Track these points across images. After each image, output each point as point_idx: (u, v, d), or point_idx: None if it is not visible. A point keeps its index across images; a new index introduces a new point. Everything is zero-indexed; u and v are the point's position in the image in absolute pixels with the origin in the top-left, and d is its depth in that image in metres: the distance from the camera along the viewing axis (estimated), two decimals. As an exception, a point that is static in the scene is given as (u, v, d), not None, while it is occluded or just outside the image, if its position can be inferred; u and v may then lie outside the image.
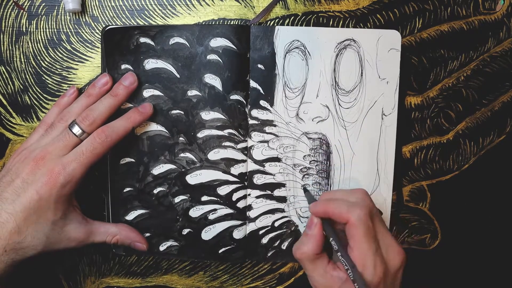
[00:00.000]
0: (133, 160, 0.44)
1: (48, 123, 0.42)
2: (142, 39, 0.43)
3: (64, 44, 0.45)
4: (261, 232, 0.46)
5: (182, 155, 0.44)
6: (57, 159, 0.39)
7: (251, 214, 0.46)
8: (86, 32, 0.45)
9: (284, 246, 0.46)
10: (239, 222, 0.45)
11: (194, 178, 0.45)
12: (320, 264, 0.39)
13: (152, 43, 0.43)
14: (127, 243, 0.44)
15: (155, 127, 0.44)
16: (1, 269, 0.38)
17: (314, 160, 0.45)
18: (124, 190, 0.45)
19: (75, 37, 0.45)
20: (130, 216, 0.45)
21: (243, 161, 0.45)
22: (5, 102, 0.46)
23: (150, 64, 0.43)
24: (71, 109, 0.42)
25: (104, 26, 0.44)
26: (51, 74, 0.45)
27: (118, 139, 0.41)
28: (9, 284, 0.45)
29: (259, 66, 0.44)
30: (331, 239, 0.39)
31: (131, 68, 0.43)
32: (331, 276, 0.38)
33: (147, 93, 0.44)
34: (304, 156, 0.45)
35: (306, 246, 0.39)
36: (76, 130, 0.40)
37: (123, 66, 0.43)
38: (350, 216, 0.37)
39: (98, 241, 0.42)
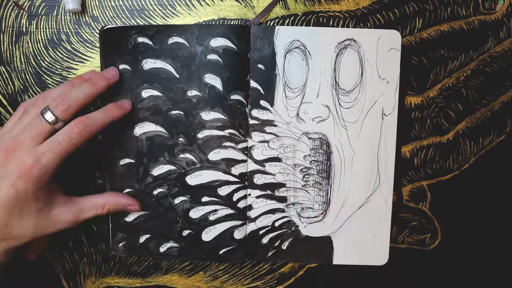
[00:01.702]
0: (132, 161, 0.44)
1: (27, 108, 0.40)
2: (140, 39, 0.43)
3: (64, 44, 0.45)
4: (261, 232, 0.46)
5: (182, 155, 0.44)
6: (29, 150, 0.37)
7: (252, 214, 0.46)
8: (86, 32, 0.45)
9: (284, 246, 0.46)
10: (239, 222, 0.45)
11: (194, 178, 0.45)
12: None
13: (150, 42, 0.43)
14: (119, 209, 0.43)
15: (154, 128, 0.44)
16: None
17: (314, 160, 0.45)
18: (124, 191, 0.45)
19: (75, 37, 0.45)
20: (130, 217, 0.45)
21: (244, 161, 0.45)
22: (5, 102, 0.46)
23: (149, 64, 0.43)
24: (47, 95, 0.40)
25: (102, 26, 0.44)
26: (51, 74, 0.45)
27: (96, 130, 0.39)
28: (9, 283, 0.45)
29: (259, 66, 0.44)
30: None
31: (129, 68, 0.43)
32: None
33: (145, 93, 0.43)
34: (305, 156, 0.45)
35: None
36: (49, 116, 0.38)
37: (121, 66, 0.43)
38: None
39: (90, 217, 0.41)
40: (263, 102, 0.44)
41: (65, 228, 0.40)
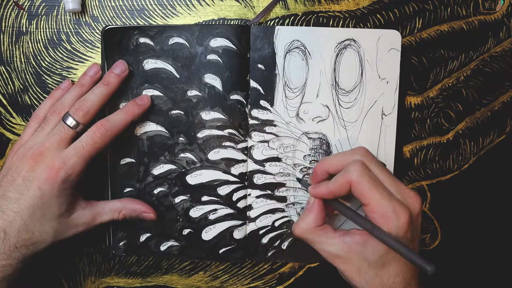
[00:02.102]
0: (133, 160, 0.44)
1: (41, 117, 0.42)
2: (142, 39, 0.43)
3: (64, 44, 0.45)
4: (261, 232, 0.46)
5: (182, 155, 0.44)
6: (56, 154, 0.39)
7: (251, 214, 0.46)
8: (86, 32, 0.45)
9: (284, 246, 0.46)
10: (239, 222, 0.45)
11: (194, 178, 0.45)
12: (326, 234, 0.38)
13: (151, 43, 0.43)
14: (135, 215, 0.44)
15: (155, 127, 0.44)
16: (13, 266, 0.38)
17: (314, 160, 0.45)
18: (125, 191, 0.45)
19: (75, 37, 0.45)
20: (130, 216, 0.45)
21: (243, 161, 0.45)
22: (5, 102, 0.46)
23: (150, 64, 0.43)
24: (64, 101, 0.41)
25: (104, 26, 0.44)
26: (51, 74, 0.45)
27: (118, 132, 0.41)
28: (12, 283, 0.45)
29: (259, 66, 0.44)
30: (342, 205, 0.38)
31: (130, 68, 0.43)
32: (343, 242, 0.37)
33: (146, 93, 0.44)
34: (304, 156, 0.45)
35: (304, 221, 0.39)
36: (70, 121, 0.39)
37: None
38: (349, 178, 0.36)
39: (106, 220, 0.43)
40: (263, 102, 0.44)
41: (81, 232, 0.41)
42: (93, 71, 0.43)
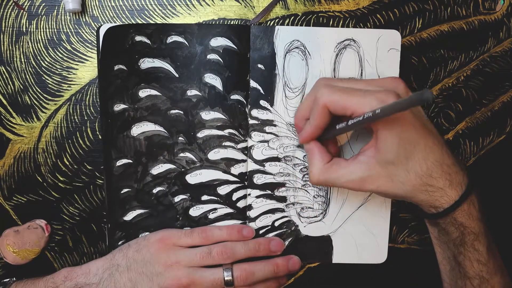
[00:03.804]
0: (130, 161, 0.44)
1: (207, 235, 0.43)
2: (138, 38, 0.43)
3: (64, 44, 0.45)
4: (261, 231, 0.46)
5: (181, 155, 0.44)
6: None
7: (251, 213, 0.45)
8: (86, 32, 0.45)
9: (284, 245, 0.46)
10: (239, 222, 0.45)
11: (194, 177, 0.45)
12: (340, 166, 0.37)
13: (148, 41, 0.43)
14: None
15: (153, 127, 0.44)
16: None
17: (314, 160, 0.45)
18: (122, 192, 0.45)
19: (75, 37, 0.45)
20: (129, 217, 0.45)
21: (243, 161, 0.45)
22: (5, 102, 0.46)
23: (146, 63, 0.43)
24: (236, 250, 0.42)
25: (99, 24, 0.44)
26: (51, 74, 0.45)
27: None
28: (11, 283, 0.45)
29: (259, 66, 0.44)
30: (336, 127, 0.37)
31: (125, 68, 0.43)
32: (360, 163, 0.36)
33: (143, 93, 0.43)
34: (304, 155, 0.45)
35: (312, 166, 0.38)
36: (228, 277, 0.41)
37: (116, 67, 0.43)
38: (322, 102, 0.36)
39: None
40: (263, 102, 0.44)
41: None
42: (275, 248, 0.44)
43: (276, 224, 0.46)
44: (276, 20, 0.45)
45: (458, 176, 0.36)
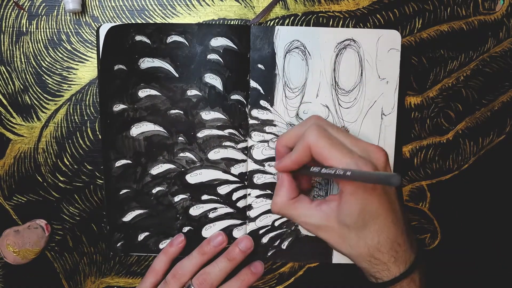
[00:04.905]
0: (129, 161, 0.44)
1: (158, 272, 0.43)
2: (138, 37, 0.43)
3: (64, 44, 0.45)
4: (261, 231, 0.46)
5: (181, 154, 0.44)
6: None
7: (251, 213, 0.46)
8: (86, 32, 0.45)
9: (284, 245, 0.46)
10: (239, 222, 0.45)
11: (194, 177, 0.45)
12: (303, 206, 0.38)
13: (148, 41, 0.43)
14: None
15: (152, 128, 0.44)
16: None
17: (314, 160, 0.45)
18: (121, 192, 0.45)
19: (75, 37, 0.45)
20: (128, 217, 0.45)
21: (243, 160, 0.45)
22: (5, 102, 0.46)
23: (146, 63, 0.43)
24: (185, 267, 0.42)
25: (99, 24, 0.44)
26: (51, 74, 0.45)
27: None
28: (10, 284, 0.45)
29: (259, 66, 0.44)
30: (310, 169, 0.37)
31: (125, 68, 0.43)
32: (321, 211, 0.37)
33: (142, 93, 0.43)
34: (304, 156, 0.45)
35: (277, 196, 0.39)
36: None
37: (116, 67, 0.43)
38: (307, 141, 0.36)
39: None
40: (263, 102, 0.44)
41: None
42: (217, 242, 0.43)
43: (276, 224, 0.46)
44: (276, 20, 0.45)
45: (405, 254, 0.37)
